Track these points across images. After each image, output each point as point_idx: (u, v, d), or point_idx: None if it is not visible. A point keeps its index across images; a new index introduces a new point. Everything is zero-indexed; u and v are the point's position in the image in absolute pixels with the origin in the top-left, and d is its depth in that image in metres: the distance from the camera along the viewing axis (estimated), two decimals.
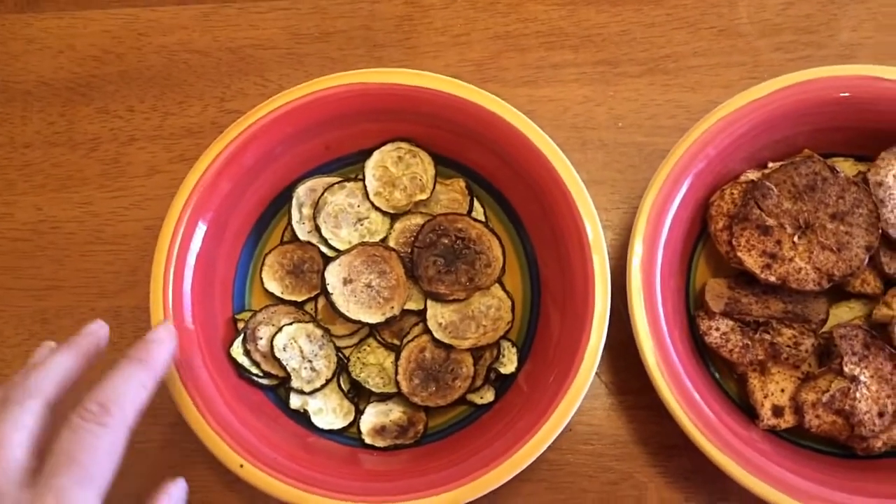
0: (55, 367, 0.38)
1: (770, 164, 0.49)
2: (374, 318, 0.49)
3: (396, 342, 0.50)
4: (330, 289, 0.49)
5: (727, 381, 0.49)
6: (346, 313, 0.49)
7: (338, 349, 0.50)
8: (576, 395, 0.44)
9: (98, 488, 0.35)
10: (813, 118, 0.48)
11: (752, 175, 0.49)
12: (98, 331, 0.41)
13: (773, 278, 0.46)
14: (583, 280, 0.46)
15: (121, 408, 0.37)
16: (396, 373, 0.49)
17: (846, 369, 0.44)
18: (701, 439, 0.43)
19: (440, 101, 0.49)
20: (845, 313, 0.48)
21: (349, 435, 0.49)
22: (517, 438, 0.44)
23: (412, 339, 0.50)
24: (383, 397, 0.49)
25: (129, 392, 0.38)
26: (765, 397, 0.46)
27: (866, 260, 0.45)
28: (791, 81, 0.47)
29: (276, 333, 0.49)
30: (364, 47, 0.57)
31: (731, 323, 0.47)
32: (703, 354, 0.49)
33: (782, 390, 0.46)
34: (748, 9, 0.56)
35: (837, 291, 0.48)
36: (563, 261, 0.47)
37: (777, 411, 0.46)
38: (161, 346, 0.41)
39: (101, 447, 0.35)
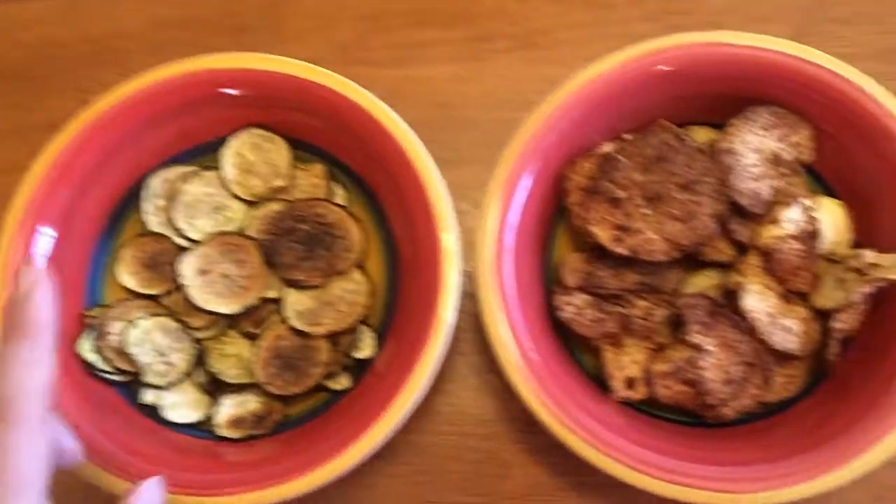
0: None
1: (625, 136, 0.51)
2: (231, 308, 0.52)
3: (257, 332, 0.52)
4: (185, 280, 0.51)
5: (586, 357, 0.51)
6: (203, 305, 0.51)
7: (197, 341, 0.53)
8: (423, 375, 0.46)
9: (28, 496, 0.33)
10: (664, 87, 0.50)
11: (609, 147, 0.51)
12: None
13: (623, 250, 0.48)
14: (433, 259, 0.48)
15: (22, 408, 0.34)
16: (254, 362, 0.51)
17: (691, 338, 0.47)
18: (543, 414, 0.45)
19: (291, 85, 0.51)
20: (703, 282, 0.51)
21: (205, 428, 0.51)
22: (368, 421, 0.46)
23: (270, 328, 0.52)
24: (240, 388, 0.52)
25: (18, 377, 0.34)
26: (618, 369, 0.49)
27: (714, 228, 0.48)
28: (638, 51, 0.49)
29: (129, 328, 0.51)
30: (229, 34, 0.60)
31: (586, 297, 0.50)
32: (563, 331, 0.51)
33: (635, 362, 0.49)
34: None
35: (695, 261, 0.51)
36: (417, 242, 0.49)
37: (629, 383, 0.49)
38: (32, 302, 0.36)
39: (16, 452, 0.33)
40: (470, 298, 0.51)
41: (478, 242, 0.47)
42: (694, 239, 0.48)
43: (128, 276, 0.53)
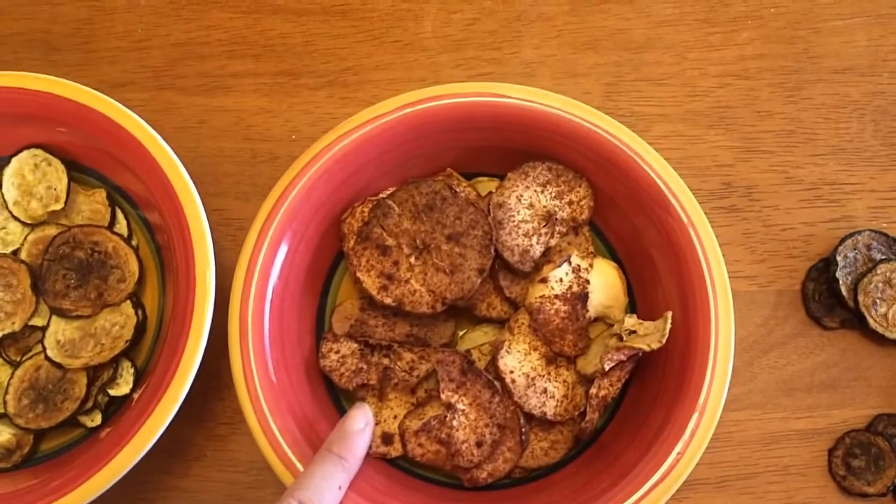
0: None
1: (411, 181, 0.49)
2: None
3: (19, 360, 0.49)
4: None
5: None
6: None
7: None
8: (163, 417, 0.43)
9: None
10: (444, 136, 0.48)
11: (391, 191, 0.49)
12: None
13: (389, 300, 0.46)
14: (184, 298, 0.45)
15: None
16: (6, 392, 0.47)
17: (443, 396, 0.44)
18: (281, 471, 0.42)
19: (67, 108, 0.48)
20: (480, 337, 0.48)
21: None
22: (108, 457, 0.43)
23: (30, 357, 0.48)
24: None
25: (329, 494, 0.39)
26: (376, 424, 0.46)
27: (478, 283, 0.45)
28: (415, 98, 0.47)
29: None
30: (41, 51, 0.57)
31: (353, 346, 0.47)
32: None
33: (395, 417, 0.46)
34: (434, 23, 0.56)
35: (471, 317, 0.48)
36: (179, 278, 0.46)
37: (386, 439, 0.46)
38: (360, 440, 0.42)
39: None
40: None
41: (233, 285, 0.45)
42: (458, 293, 0.45)
43: None
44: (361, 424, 0.43)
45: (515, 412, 0.45)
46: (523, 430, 0.45)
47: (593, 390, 0.44)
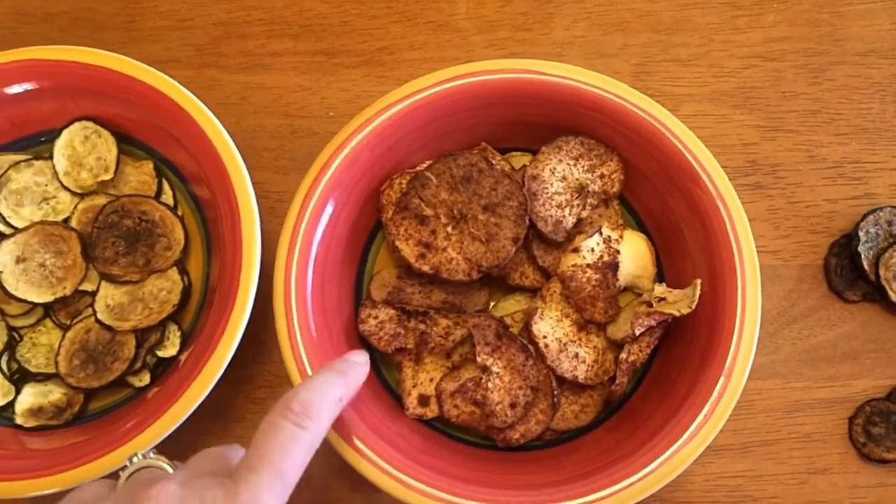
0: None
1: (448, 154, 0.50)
2: (43, 297, 0.50)
3: (70, 323, 0.50)
4: (0, 267, 0.50)
5: (393, 373, 0.49)
6: (15, 292, 0.49)
7: (12, 329, 0.51)
8: (212, 376, 0.45)
9: (288, 491, 0.35)
10: (480, 111, 0.49)
11: (428, 163, 0.50)
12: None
13: (426, 268, 0.47)
14: (231, 265, 0.46)
15: (319, 414, 0.37)
16: (58, 353, 0.49)
17: (479, 359, 0.45)
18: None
19: (118, 82, 0.50)
20: (512, 306, 0.50)
21: (5, 416, 0.49)
22: (157, 414, 0.45)
23: (80, 320, 0.50)
24: (44, 377, 0.50)
25: (329, 401, 0.38)
26: (413, 386, 0.47)
27: (513, 251, 0.46)
28: (453, 74, 0.48)
29: None
30: (87, 29, 0.58)
31: (391, 312, 0.48)
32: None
33: (431, 380, 0.47)
34: (467, 4, 0.58)
35: (505, 286, 0.49)
36: (226, 247, 0.48)
37: (423, 401, 0.47)
38: (360, 368, 0.41)
39: (298, 451, 0.35)
40: None
41: (277, 254, 0.46)
42: (493, 261, 0.46)
43: None
44: (360, 359, 0.42)
45: (548, 375, 0.46)
46: (555, 392, 0.46)
47: (623, 355, 0.45)
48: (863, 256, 0.50)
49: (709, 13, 0.56)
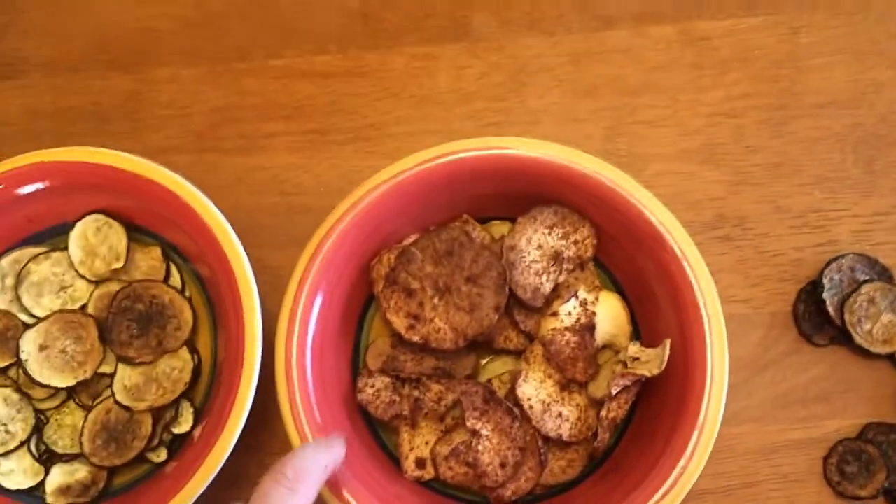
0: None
1: (432, 228, 0.54)
2: (65, 381, 0.53)
3: (91, 404, 0.54)
4: (24, 356, 0.53)
5: (392, 437, 0.53)
6: (40, 378, 0.53)
7: (39, 412, 0.54)
8: (222, 452, 0.48)
9: None
10: (460, 186, 0.52)
11: (414, 238, 0.53)
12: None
13: (416, 338, 0.50)
14: (235, 343, 0.50)
15: (309, 479, 0.40)
16: (82, 434, 0.53)
17: (468, 424, 0.49)
18: (328, 496, 0.46)
19: (120, 178, 0.53)
20: (499, 367, 0.53)
21: (36, 495, 0.53)
22: (175, 489, 0.48)
23: (101, 402, 0.54)
24: (70, 457, 0.53)
25: (317, 468, 0.41)
26: (410, 450, 0.51)
27: (495, 319, 0.50)
28: (432, 154, 0.51)
29: None
30: (94, 122, 0.62)
31: (387, 380, 0.51)
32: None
33: (426, 443, 0.51)
34: (447, 79, 0.61)
35: (491, 349, 0.53)
36: (229, 324, 0.51)
37: (420, 463, 0.50)
38: (340, 445, 0.45)
39: None
40: None
41: (277, 332, 0.49)
42: (478, 329, 0.50)
43: None
44: (341, 438, 0.45)
45: (534, 435, 0.49)
46: (542, 451, 0.49)
47: (603, 412, 0.48)
48: (828, 303, 0.53)
49: (674, 75, 0.59)
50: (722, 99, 0.59)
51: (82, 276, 0.56)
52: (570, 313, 0.50)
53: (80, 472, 0.53)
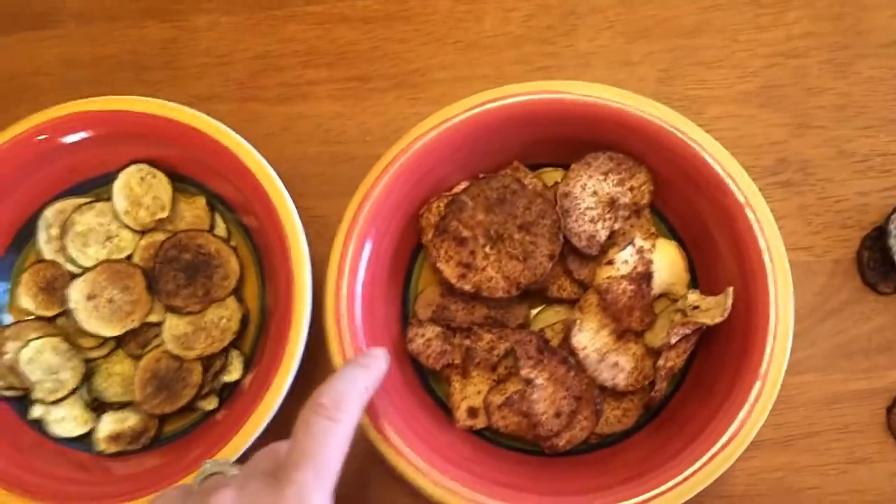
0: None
1: (481, 176, 0.52)
2: (113, 331, 0.53)
3: (141, 353, 0.54)
4: (73, 304, 0.53)
5: (442, 386, 0.52)
6: (88, 328, 0.53)
7: (88, 360, 0.54)
8: (276, 397, 0.48)
9: (332, 482, 0.37)
10: (513, 132, 0.50)
11: (461, 188, 0.52)
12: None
13: (468, 287, 0.49)
14: (285, 293, 0.49)
15: (349, 406, 0.39)
16: (133, 383, 0.53)
17: (522, 373, 0.47)
18: (378, 441, 0.46)
19: (164, 126, 0.53)
20: (552, 317, 0.51)
21: (87, 443, 0.53)
22: (228, 435, 0.48)
23: (150, 350, 0.53)
24: (120, 405, 0.53)
25: (356, 392, 0.40)
26: (462, 399, 0.50)
27: (549, 267, 0.48)
28: (481, 100, 0.49)
29: (23, 347, 0.53)
30: (132, 71, 0.61)
31: (437, 329, 0.50)
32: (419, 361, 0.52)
33: (478, 392, 0.50)
34: (493, 22, 0.59)
35: (544, 297, 0.51)
36: (278, 274, 0.50)
37: (472, 412, 0.49)
38: (380, 360, 0.44)
39: (335, 443, 0.38)
40: None
41: (327, 281, 0.48)
42: (531, 278, 0.48)
43: (27, 298, 0.55)
44: (380, 353, 0.44)
45: (590, 384, 0.48)
46: (597, 400, 0.48)
47: (661, 362, 0.47)
48: (894, 249, 0.51)
49: (730, 14, 0.57)
50: (782, 39, 0.56)
51: (127, 227, 0.55)
52: (626, 261, 0.48)
53: (131, 419, 0.53)
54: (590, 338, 0.48)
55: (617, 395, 0.49)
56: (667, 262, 0.49)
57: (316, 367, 0.54)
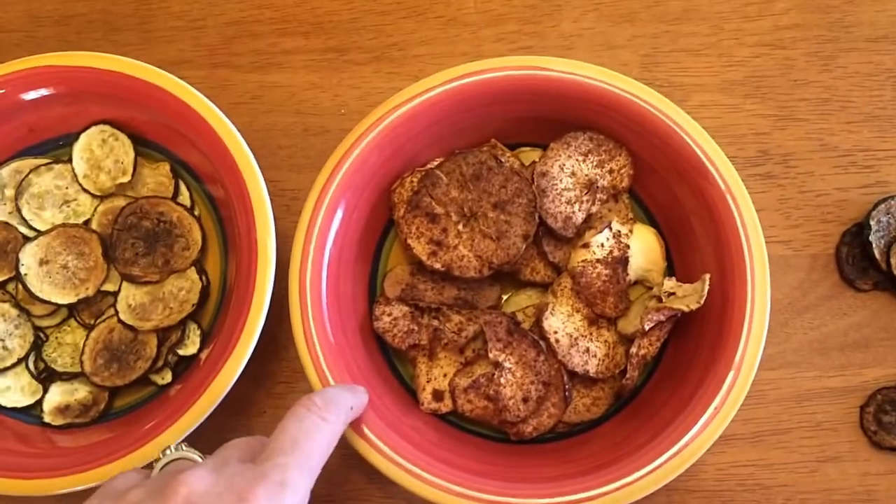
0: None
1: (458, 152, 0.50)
2: (66, 298, 0.51)
3: (93, 323, 0.51)
4: (24, 269, 0.50)
5: (409, 368, 0.50)
6: (39, 294, 0.50)
7: (38, 329, 0.52)
8: (229, 377, 0.45)
9: (312, 476, 0.36)
10: (487, 108, 0.49)
11: (439, 161, 0.50)
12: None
13: (438, 265, 0.47)
14: (247, 265, 0.47)
15: (339, 412, 0.39)
16: (83, 352, 0.50)
17: (491, 355, 0.46)
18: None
19: (131, 86, 0.50)
20: (524, 300, 0.50)
21: (34, 414, 0.50)
22: (181, 410, 0.45)
23: (104, 320, 0.51)
24: (70, 376, 0.51)
25: (346, 404, 0.40)
26: (427, 382, 0.48)
27: (523, 248, 0.46)
28: (460, 73, 0.48)
29: None
30: (102, 31, 0.59)
31: (405, 308, 0.48)
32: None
33: (444, 375, 0.48)
34: None
35: (516, 281, 0.50)
36: (241, 246, 0.48)
37: (437, 395, 0.48)
38: (364, 394, 0.43)
39: (322, 439, 0.37)
40: None
41: (292, 255, 0.46)
42: (504, 258, 0.47)
43: None
44: (363, 388, 0.44)
45: (559, 370, 0.46)
46: (567, 387, 0.46)
47: (633, 349, 0.45)
48: (874, 245, 0.50)
49: (718, 1, 0.55)
50: (769, 29, 0.55)
51: (86, 191, 0.53)
52: (602, 245, 0.47)
53: (81, 391, 0.51)
54: (562, 322, 0.46)
55: (587, 383, 0.47)
56: (644, 247, 0.48)
57: (276, 346, 0.53)
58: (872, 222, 0.50)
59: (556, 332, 0.46)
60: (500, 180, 0.47)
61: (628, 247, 0.47)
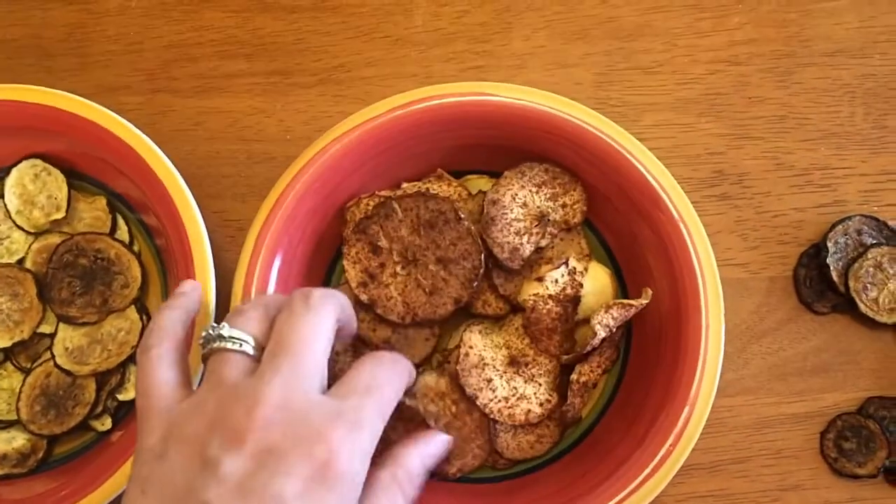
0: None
1: (404, 185, 0.48)
2: (1, 342, 0.48)
3: (30, 367, 0.49)
4: None
5: None
6: None
7: None
8: None
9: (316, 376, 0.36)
10: (435, 136, 0.47)
11: (389, 192, 0.48)
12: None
13: (364, 297, 0.45)
14: None
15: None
16: (19, 399, 0.48)
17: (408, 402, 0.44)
18: None
19: (60, 119, 0.48)
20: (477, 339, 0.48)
21: None
22: (118, 463, 0.44)
23: (40, 364, 0.49)
24: (6, 424, 0.48)
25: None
26: None
27: (451, 311, 0.45)
28: (406, 100, 0.46)
29: None
30: (35, 56, 0.56)
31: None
32: None
33: None
34: (424, 17, 0.55)
35: (468, 313, 0.48)
36: (179, 280, 0.46)
37: None
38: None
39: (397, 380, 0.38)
40: None
41: (232, 297, 0.44)
42: (430, 315, 0.44)
43: None
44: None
45: (483, 416, 0.44)
46: (491, 430, 0.44)
47: (574, 376, 0.44)
48: (832, 268, 0.48)
49: (671, 17, 0.53)
50: (724, 44, 0.53)
51: (19, 227, 0.50)
52: (556, 281, 0.45)
53: (18, 440, 0.48)
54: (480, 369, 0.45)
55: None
56: (596, 287, 0.46)
57: None
58: (830, 244, 0.49)
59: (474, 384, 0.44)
60: (453, 237, 0.45)
61: (581, 285, 0.45)
